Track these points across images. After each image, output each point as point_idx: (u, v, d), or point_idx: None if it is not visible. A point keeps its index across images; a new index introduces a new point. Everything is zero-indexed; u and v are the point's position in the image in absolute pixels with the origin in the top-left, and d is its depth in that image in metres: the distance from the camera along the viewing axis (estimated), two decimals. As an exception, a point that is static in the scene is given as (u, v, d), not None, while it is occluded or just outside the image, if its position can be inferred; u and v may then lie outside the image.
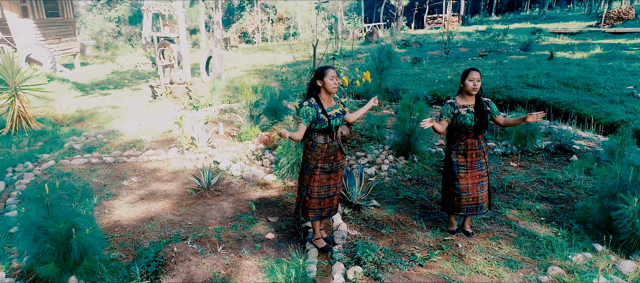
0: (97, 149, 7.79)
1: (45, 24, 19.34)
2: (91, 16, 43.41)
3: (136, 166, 6.95)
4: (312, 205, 4.25)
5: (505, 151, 7.16)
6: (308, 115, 4.00)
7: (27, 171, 6.80)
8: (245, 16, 47.86)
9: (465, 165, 4.44)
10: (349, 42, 27.88)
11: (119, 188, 6.10)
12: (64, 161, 7.12)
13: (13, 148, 8.28)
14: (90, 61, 24.64)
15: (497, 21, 37.73)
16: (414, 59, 16.90)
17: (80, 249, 3.83)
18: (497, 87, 10.79)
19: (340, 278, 3.88)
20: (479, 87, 4.30)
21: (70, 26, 21.28)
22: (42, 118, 10.17)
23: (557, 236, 4.60)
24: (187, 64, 12.03)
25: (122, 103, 12.35)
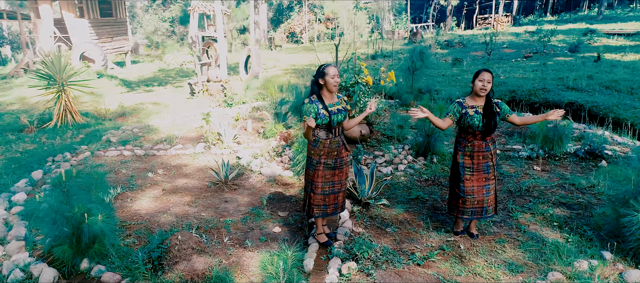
0: (131, 142, 8.19)
1: (99, 24, 20.41)
2: (147, 16, 45.23)
3: (164, 160, 7.27)
4: (316, 201, 4.33)
5: (530, 155, 6.97)
6: (309, 112, 4.10)
7: (64, 161, 7.27)
8: (293, 16, 48.52)
9: (472, 167, 4.39)
10: (394, 42, 27.72)
11: (144, 179, 6.41)
12: (99, 152, 7.55)
13: (57, 139, 8.85)
14: (141, 59, 25.75)
15: (551, 21, 36.30)
16: (455, 59, 16.61)
17: (92, 234, 4.09)
18: (534, 89, 10.46)
19: (335, 273, 3.95)
20: (489, 88, 4.23)
21: (122, 26, 22.34)
22: (87, 112, 10.78)
23: (567, 243, 4.46)
24: (224, 63, 12.39)
25: (163, 100, 12.88)
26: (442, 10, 49.54)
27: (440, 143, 6.90)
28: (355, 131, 7.06)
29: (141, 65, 22.31)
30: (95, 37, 19.93)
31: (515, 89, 10.79)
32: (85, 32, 19.53)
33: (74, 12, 19.49)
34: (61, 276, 4.09)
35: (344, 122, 4.35)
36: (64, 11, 19.43)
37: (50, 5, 19.54)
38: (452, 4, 44.80)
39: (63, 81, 9.93)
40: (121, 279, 3.95)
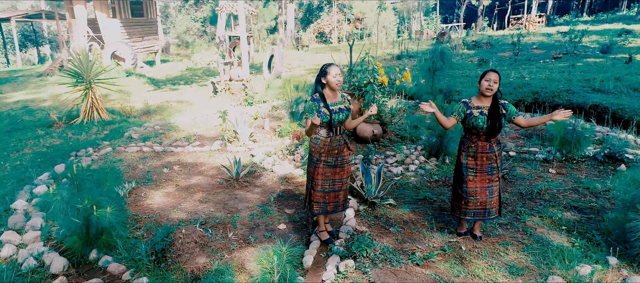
0: (151, 139, 8.42)
1: (130, 24, 20.99)
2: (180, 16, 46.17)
3: (180, 157, 7.44)
4: (316, 198, 4.39)
5: (547, 157, 6.83)
6: (312, 110, 4.16)
7: (86, 155, 7.54)
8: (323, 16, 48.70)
9: (475, 168, 4.36)
10: (421, 43, 27.47)
11: (159, 175, 6.59)
12: (120, 148, 7.80)
13: (82, 135, 9.18)
14: (171, 59, 26.32)
15: (586, 21, 35.25)
16: (480, 60, 16.36)
17: (100, 225, 4.26)
18: (558, 91, 10.22)
19: (332, 270, 3.99)
20: (495, 88, 4.19)
21: (153, 26, 22.89)
22: (113, 110, 11.12)
23: (573, 247, 4.37)
24: (245, 62, 12.58)
25: (187, 98, 13.16)
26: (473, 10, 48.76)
27: (453, 144, 6.83)
28: (368, 131, 7.07)
29: (170, 64, 22.81)
30: (126, 37, 20.50)
31: (538, 90, 10.57)
32: (117, 32, 20.11)
33: (107, 12, 20.11)
34: (71, 265, 4.27)
35: (346, 122, 4.39)
36: (97, 11, 20.06)
37: (84, 6, 20.21)
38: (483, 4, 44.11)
39: (90, 78, 10.27)
40: (126, 270, 4.10)
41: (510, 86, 11.60)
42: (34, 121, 10.80)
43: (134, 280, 3.95)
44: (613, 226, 4.56)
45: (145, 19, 22.25)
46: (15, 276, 4.13)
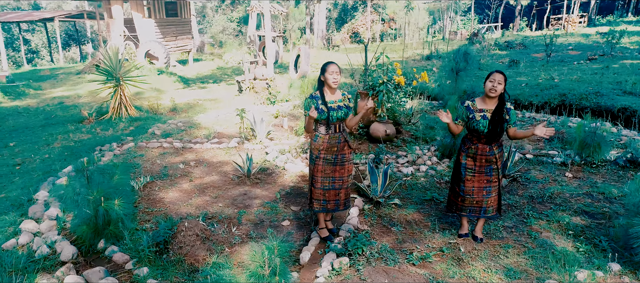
0: (172, 135, 8.67)
1: (164, 24, 21.56)
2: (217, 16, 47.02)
3: (198, 153, 7.63)
4: (316, 195, 4.45)
5: (565, 161, 6.65)
6: (309, 107, 4.24)
7: (110, 150, 7.83)
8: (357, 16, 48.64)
9: (473, 169, 4.33)
10: (454, 43, 27.07)
11: (175, 170, 6.79)
12: (142, 144, 8.06)
13: (110, 130, 9.53)
14: (204, 58, 26.85)
15: (630, 22, 33.87)
16: (511, 61, 16.00)
17: (108, 217, 4.44)
18: (586, 93, 9.91)
19: (327, 266, 4.04)
20: (499, 89, 4.12)
21: (186, 25, 23.44)
22: (141, 107, 11.47)
23: (577, 252, 4.27)
24: (270, 62, 12.73)
25: (214, 96, 13.44)
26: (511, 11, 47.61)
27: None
28: (380, 131, 7.06)
29: (202, 63, 23.29)
30: (160, 36, 21.06)
31: (566, 92, 10.27)
32: (151, 31, 20.69)
33: (142, 12, 20.72)
34: (80, 253, 4.47)
35: (347, 120, 4.43)
36: (133, 11, 20.70)
37: (121, 6, 20.89)
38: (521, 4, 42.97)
39: (119, 76, 10.64)
40: (129, 260, 4.26)
41: (537, 87, 11.32)
42: (67, 117, 11.28)
43: (136, 270, 4.10)
44: (621, 232, 4.43)
45: (179, 18, 22.80)
46: (29, 262, 4.36)
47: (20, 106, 13.35)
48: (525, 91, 11.06)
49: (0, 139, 9.52)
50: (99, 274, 3.97)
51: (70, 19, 30.67)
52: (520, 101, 10.53)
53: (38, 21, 31.20)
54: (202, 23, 48.75)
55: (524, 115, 9.65)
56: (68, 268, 4.10)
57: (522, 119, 9.38)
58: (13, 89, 15.48)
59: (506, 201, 5.46)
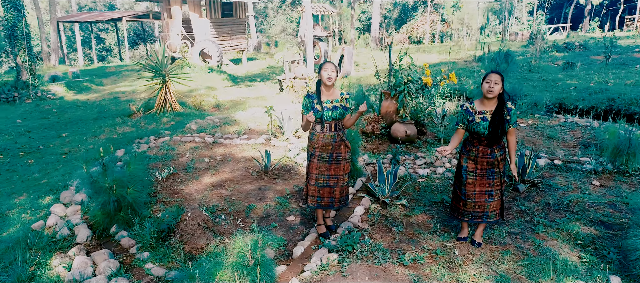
0: (207, 131, 9.03)
1: (219, 23, 22.33)
2: (278, 16, 47.97)
3: (227, 148, 7.92)
4: (311, 192, 4.54)
5: (595, 168, 6.31)
6: (307, 106, 4.34)
7: (146, 143, 8.28)
8: (417, 16, 47.98)
9: (475, 171, 4.25)
10: (513, 44, 26.11)
11: (201, 163, 7.09)
12: (176, 138, 8.47)
13: (153, 124, 10.06)
14: (258, 57, 27.54)
15: None
16: (566, 63, 15.24)
17: (120, 204, 4.76)
18: (636, 98, 9.30)
19: (317, 261, 4.12)
20: (496, 90, 4.04)
21: (241, 25, 24.15)
22: (185, 103, 12.00)
23: (580, 262, 4.09)
24: (310, 61, 12.90)
25: (257, 94, 13.81)
26: (581, 10, 45.07)
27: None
28: (400, 131, 7.02)
29: (255, 62, 23.91)
30: (215, 36, 21.85)
31: (615, 97, 9.69)
32: (207, 31, 21.51)
33: (199, 12, 21.60)
34: (94, 236, 4.83)
35: (345, 120, 4.49)
36: (190, 12, 21.62)
37: (179, 7, 21.89)
38: (592, 3, 40.60)
39: (165, 73, 11.20)
40: (134, 244, 4.55)
41: (586, 91, 10.74)
42: (118, 111, 12.01)
43: (138, 254, 4.38)
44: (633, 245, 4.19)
45: (234, 18, 23.54)
46: (51, 242, 4.76)
47: (80, 100, 14.36)
48: (572, 94, 10.53)
49: (56, 130, 10.32)
50: (104, 256, 4.28)
51: (137, 19, 32.41)
52: (565, 105, 10.05)
53: (108, 21, 33.22)
54: (264, 23, 49.84)
55: (566, 120, 9.21)
56: (79, 249, 4.45)
57: (563, 124, 8.95)
58: (77, 84, 16.65)
59: (519, 207, 5.29)
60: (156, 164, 6.96)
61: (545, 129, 8.54)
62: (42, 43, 29.93)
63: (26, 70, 14.61)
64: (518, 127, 4.31)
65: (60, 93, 15.19)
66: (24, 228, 5.12)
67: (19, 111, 12.70)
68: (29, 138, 9.76)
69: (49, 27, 30.58)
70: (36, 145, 9.13)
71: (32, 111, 12.72)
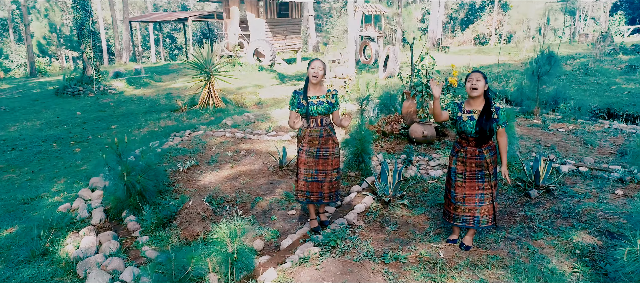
0: (239, 126, 9.38)
1: (274, 23, 22.87)
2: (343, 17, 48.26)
3: (253, 144, 8.19)
4: (300, 187, 4.66)
5: (622, 177, 5.94)
6: (293, 102, 4.50)
7: (180, 136, 8.74)
8: (483, 16, 46.56)
9: (464, 174, 4.19)
10: (580, 46, 24.71)
11: (224, 157, 7.40)
12: (209, 132, 8.87)
13: (193, 119, 10.58)
14: (314, 56, 27.89)
15: None
16: (630, 67, 14.27)
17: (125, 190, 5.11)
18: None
19: (299, 254, 4.24)
20: (480, 87, 3.98)
21: (296, 25, 24.58)
22: (228, 99, 12.47)
23: (571, 273, 3.93)
24: (351, 61, 12.95)
25: (301, 93, 14.05)
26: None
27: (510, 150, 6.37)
28: (417, 132, 6.94)
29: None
30: (270, 35, 22.41)
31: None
32: (262, 31, 22.11)
33: (255, 12, 22.25)
34: (107, 219, 5.22)
35: (333, 116, 4.58)
36: (247, 12, 22.33)
37: (237, 7, 22.65)
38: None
39: (209, 71, 11.71)
40: (138, 228, 4.88)
41: (638, 96, 10.05)
42: (167, 106, 12.70)
43: (139, 237, 4.70)
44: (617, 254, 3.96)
45: (290, 19, 24.00)
46: (70, 222, 5.21)
47: (137, 95, 15.29)
48: (624, 99, 9.89)
49: (108, 122, 11.10)
50: (108, 237, 4.64)
51: (202, 19, 33.79)
52: (613, 110, 9.47)
53: (176, 21, 34.91)
54: (328, 23, 50.30)
55: (610, 126, 8.68)
56: (89, 229, 4.84)
57: (606, 130, 8.45)
58: (138, 80, 17.71)
59: (525, 213, 5.12)
60: (183, 156, 7.35)
61: (584, 135, 8.11)
62: (115, 41, 32.03)
63: (91, 66, 15.76)
64: (506, 126, 4.20)
65: (120, 88, 16.25)
66: (52, 209, 5.64)
67: (81, 104, 13.76)
68: (83, 129, 10.58)
69: (122, 26, 32.62)
70: (86, 135, 9.89)
71: (92, 104, 13.74)
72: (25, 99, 15.30)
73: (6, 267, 4.36)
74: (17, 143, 9.42)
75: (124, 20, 31.12)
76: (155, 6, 50.23)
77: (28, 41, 26.46)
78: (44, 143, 9.36)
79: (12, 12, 38.06)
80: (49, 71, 28.75)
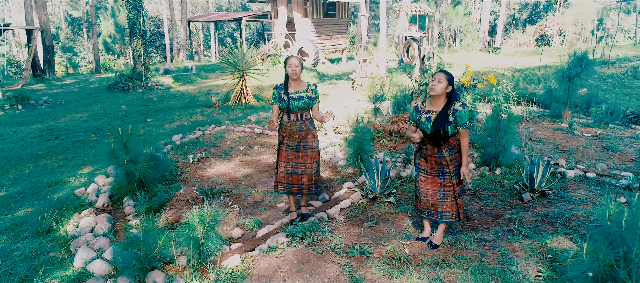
0: (262, 123, 9.68)
1: (320, 23, 23.15)
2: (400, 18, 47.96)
3: (269, 139, 8.46)
4: (280, 178, 4.85)
5: (631, 184, 5.66)
6: (275, 97, 4.70)
7: (203, 130, 9.16)
8: (548, 17, 44.73)
9: (426, 170, 4.26)
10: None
11: (236, 150, 7.72)
12: (231, 127, 9.24)
13: (223, 115, 11.02)
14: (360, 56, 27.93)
15: None
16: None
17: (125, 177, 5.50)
18: None
19: (271, 243, 4.43)
20: (439, 88, 4.02)
21: (342, 25, 24.74)
22: (259, 97, 12.85)
23: (534, 276, 3.87)
24: (382, 61, 12.93)
25: (335, 91, 14.22)
26: None
27: (507, 152, 6.24)
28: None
29: (352, 62, 24.31)
30: (315, 35, 22.71)
31: None
32: (307, 30, 22.46)
33: (302, 12, 22.63)
34: (110, 203, 5.64)
35: (312, 111, 4.73)
36: (294, 12, 22.76)
37: (285, 7, 23.14)
38: None
39: (242, 68, 12.14)
40: (133, 212, 5.26)
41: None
42: (203, 102, 13.27)
43: (131, 221, 5.07)
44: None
45: (336, 19, 24.20)
46: (79, 205, 5.68)
47: (180, 90, 16.05)
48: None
49: (146, 116, 11.78)
50: (103, 219, 5.04)
51: (256, 19, 34.70)
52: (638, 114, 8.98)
53: (231, 21, 36.07)
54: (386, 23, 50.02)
55: (634, 133, 8.20)
56: (89, 211, 5.26)
57: (637, 136, 8.00)
58: (185, 77, 18.56)
59: (511, 216, 5.03)
60: (199, 149, 7.74)
61: (610, 140, 7.72)
62: (173, 40, 33.59)
63: (141, 63, 16.71)
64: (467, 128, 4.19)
65: (167, 84, 17.12)
66: (70, 193, 6.15)
67: (128, 98, 14.65)
68: (122, 121, 11.29)
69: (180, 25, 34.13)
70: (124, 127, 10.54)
71: (137, 99, 14.58)
72: (81, 93, 16.47)
73: (13, 241, 4.84)
74: (61, 133, 10.23)
75: (182, 20, 32.58)
76: (218, 7, 51.96)
77: (94, 40, 28.37)
78: (84, 133, 10.10)
79: (87, 12, 40.83)
80: (113, 68, 30.66)
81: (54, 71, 21.63)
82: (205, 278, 3.88)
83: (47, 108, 13.62)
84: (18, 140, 9.70)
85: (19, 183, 6.83)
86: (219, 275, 3.92)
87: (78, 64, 35.20)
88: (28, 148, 8.99)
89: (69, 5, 46.37)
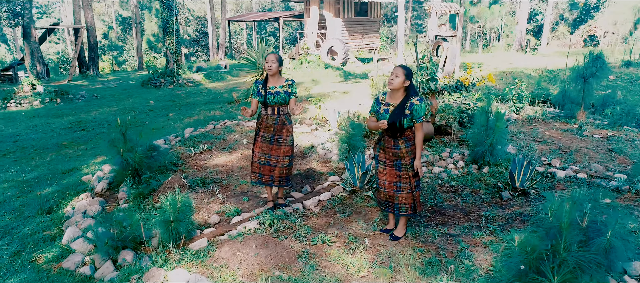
0: (272, 118, 9.94)
1: (351, 23, 23.27)
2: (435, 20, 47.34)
3: (274, 134, 8.70)
4: (254, 168, 5.10)
5: (619, 186, 5.54)
6: (254, 91, 4.95)
7: (214, 124, 9.53)
8: (597, 17, 42.99)
9: (384, 161, 4.40)
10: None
11: (239, 144, 8.01)
12: (242, 122, 9.56)
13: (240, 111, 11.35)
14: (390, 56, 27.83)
15: None
16: None
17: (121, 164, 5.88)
18: None
19: (241, 229, 4.67)
20: (396, 83, 4.13)
21: (374, 25, 24.75)
22: (279, 94, 13.12)
23: (487, 269, 3.93)
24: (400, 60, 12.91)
25: (355, 89, 14.34)
26: None
27: (500, 151, 6.22)
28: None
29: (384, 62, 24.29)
30: (345, 34, 22.85)
31: None
32: (338, 30, 22.63)
33: (333, 12, 22.82)
34: (108, 189, 6.05)
35: (289, 106, 4.94)
36: (325, 11, 22.98)
37: (317, 7, 23.40)
38: None
39: (262, 66, 12.46)
40: (125, 197, 5.63)
41: None
42: (226, 98, 13.71)
43: (122, 205, 5.44)
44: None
45: (368, 18, 24.25)
46: (82, 190, 6.12)
47: (208, 87, 16.61)
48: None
49: (169, 111, 12.31)
50: (95, 202, 5.44)
51: (294, 19, 35.19)
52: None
53: (268, 20, 36.72)
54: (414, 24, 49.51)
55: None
56: (87, 195, 5.68)
57: (649, 138, 7.73)
58: (215, 74, 19.16)
59: (484, 213, 5.05)
60: (205, 141, 8.09)
61: (619, 142, 7.51)
62: (212, 39, 34.53)
63: (173, 60, 17.40)
64: (422, 122, 4.27)
65: (197, 81, 17.74)
66: (78, 179, 6.63)
67: (158, 94, 15.31)
68: (146, 115, 11.87)
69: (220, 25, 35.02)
70: (145, 121, 11.10)
71: (166, 94, 15.22)
72: (117, 89, 17.34)
73: (17, 220, 5.31)
74: (88, 125, 10.89)
75: (222, 20, 33.45)
76: (262, 7, 52.89)
77: (137, 38, 29.63)
78: (109, 126, 10.71)
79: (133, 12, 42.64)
80: (156, 65, 31.90)
81: (98, 68, 22.81)
82: (170, 258, 4.16)
83: (82, 102, 14.46)
84: (49, 131, 10.41)
85: (37, 169, 7.38)
86: (183, 255, 4.19)
87: (124, 61, 36.85)
88: (55, 138, 9.64)
89: (120, 6, 48.48)
